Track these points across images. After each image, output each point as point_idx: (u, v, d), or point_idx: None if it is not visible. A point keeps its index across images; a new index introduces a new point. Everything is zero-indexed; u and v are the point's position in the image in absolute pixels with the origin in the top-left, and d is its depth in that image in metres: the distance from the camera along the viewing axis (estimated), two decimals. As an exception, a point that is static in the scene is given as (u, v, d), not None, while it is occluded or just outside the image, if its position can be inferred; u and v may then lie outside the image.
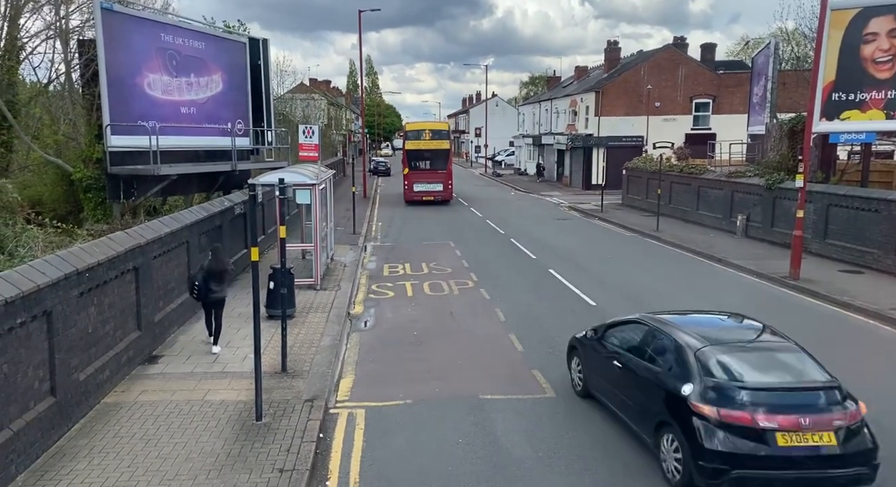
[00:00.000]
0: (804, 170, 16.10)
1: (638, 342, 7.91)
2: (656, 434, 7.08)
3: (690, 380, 6.74)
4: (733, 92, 42.37)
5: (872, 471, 6.36)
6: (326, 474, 7.19)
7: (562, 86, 61.62)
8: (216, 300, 10.65)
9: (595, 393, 8.83)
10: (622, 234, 25.18)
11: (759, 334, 7.66)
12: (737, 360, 6.84)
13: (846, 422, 6.36)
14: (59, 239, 15.73)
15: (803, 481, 6.26)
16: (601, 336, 8.78)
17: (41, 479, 6.68)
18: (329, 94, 71.42)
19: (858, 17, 18.16)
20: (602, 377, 8.51)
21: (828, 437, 6.28)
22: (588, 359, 8.98)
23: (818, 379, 6.72)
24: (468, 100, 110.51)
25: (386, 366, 10.54)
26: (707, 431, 6.36)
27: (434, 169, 35.03)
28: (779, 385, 6.62)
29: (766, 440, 6.22)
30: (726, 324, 8.17)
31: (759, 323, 7.95)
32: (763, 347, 7.35)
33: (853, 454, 6.30)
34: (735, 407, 6.33)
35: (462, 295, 15.28)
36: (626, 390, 7.86)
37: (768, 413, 6.26)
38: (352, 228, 24.42)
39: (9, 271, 7.18)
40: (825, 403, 6.48)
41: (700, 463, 6.33)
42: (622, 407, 8.00)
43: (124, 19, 16.72)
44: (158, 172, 16.43)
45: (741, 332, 7.84)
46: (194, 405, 8.54)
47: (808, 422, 6.25)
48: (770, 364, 6.98)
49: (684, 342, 7.16)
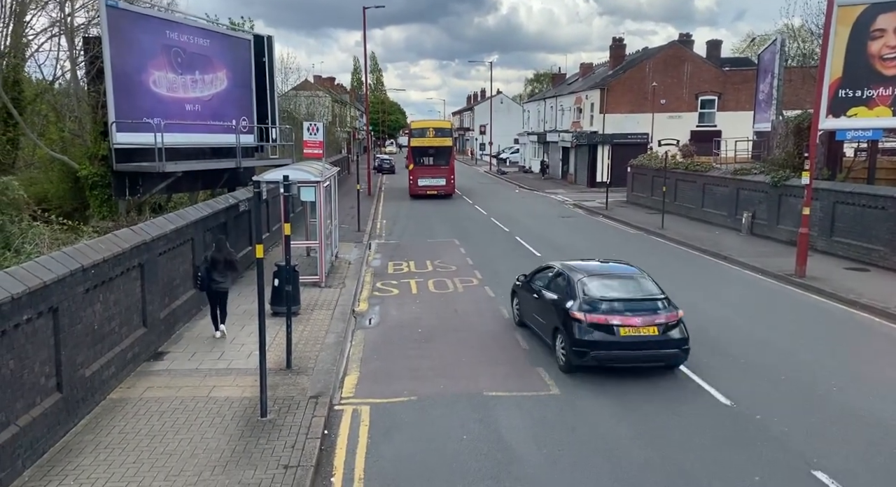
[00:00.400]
0: (810, 168, 16.03)
1: (548, 280, 11.16)
2: (553, 337, 10.43)
3: (574, 299, 9.98)
4: (739, 89, 42.18)
5: (684, 354, 9.74)
6: (331, 470, 7.21)
7: (567, 83, 61.47)
8: (218, 291, 10.98)
9: (525, 321, 12.07)
10: (627, 232, 25.12)
11: (625, 270, 10.98)
12: (602, 285, 10.18)
13: (666, 321, 9.60)
14: (65, 235, 15.78)
15: (637, 358, 9.62)
16: (529, 280, 12.02)
17: (47, 474, 6.71)
18: (333, 92, 71.41)
19: (866, 14, 18.05)
20: (528, 307, 11.83)
21: (653, 330, 9.51)
22: (521, 298, 12.33)
23: (653, 294, 10.03)
24: (473, 97, 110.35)
25: (390, 363, 10.54)
26: (579, 329, 9.62)
27: (437, 165, 36.70)
28: (624, 298, 9.90)
29: (613, 332, 9.49)
30: (606, 266, 11.30)
31: (629, 264, 11.37)
32: (623, 276, 10.65)
33: (670, 341, 9.56)
34: (596, 313, 9.63)
35: (466, 292, 15.28)
36: (540, 313, 11.12)
37: (615, 315, 9.57)
38: (356, 226, 24.44)
39: (15, 267, 7.21)
40: (653, 309, 9.74)
41: (574, 349, 9.65)
42: (537, 325, 11.30)
43: (130, 16, 16.75)
44: (163, 169, 16.47)
45: (613, 269, 11.10)
46: (199, 401, 8.56)
47: (639, 321, 9.51)
48: (624, 286, 10.24)
49: (573, 275, 10.46)
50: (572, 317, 9.76)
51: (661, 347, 9.58)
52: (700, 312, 13.38)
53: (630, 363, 9.73)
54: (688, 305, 13.84)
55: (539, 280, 11.56)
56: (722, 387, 9.34)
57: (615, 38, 50.54)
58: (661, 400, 8.99)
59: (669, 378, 9.78)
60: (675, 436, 7.93)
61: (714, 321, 12.71)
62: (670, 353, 9.65)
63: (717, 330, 12.09)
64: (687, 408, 8.71)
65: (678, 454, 7.50)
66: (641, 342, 9.51)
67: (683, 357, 9.77)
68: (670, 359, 9.75)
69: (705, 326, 12.37)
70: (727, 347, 11.14)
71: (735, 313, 13.29)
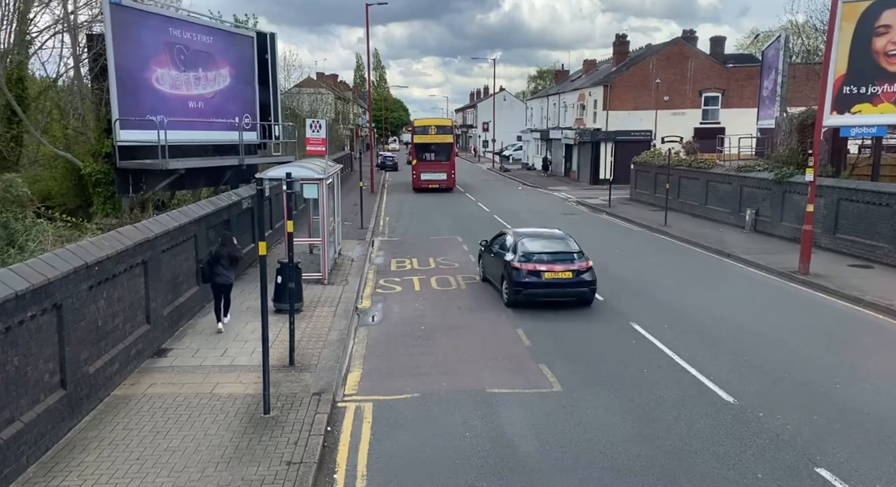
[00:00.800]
0: (814, 164, 15.97)
1: (500, 242, 14.69)
2: (500, 282, 13.96)
3: (514, 253, 13.45)
4: (743, 85, 42.04)
5: (592, 292, 13.28)
6: (334, 467, 7.22)
7: (570, 80, 61.34)
8: (221, 284, 11.23)
9: (486, 276, 15.52)
10: (630, 229, 25.09)
11: (553, 233, 14.68)
12: (535, 243, 13.75)
13: (579, 268, 13.07)
14: (69, 233, 15.82)
15: (557, 294, 13.17)
16: (489, 244, 15.45)
17: (51, 470, 6.74)
18: (336, 89, 71.33)
19: (870, 10, 17.96)
20: (488, 264, 15.30)
21: (569, 274, 13.03)
22: (484, 258, 15.75)
23: (571, 249, 13.60)
24: (476, 94, 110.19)
25: (393, 360, 10.56)
26: (516, 274, 13.06)
27: (439, 160, 39.14)
28: (549, 252, 13.44)
29: (540, 276, 12.97)
30: (540, 230, 15.30)
31: (559, 230, 15.06)
32: (551, 238, 14.27)
33: (582, 282, 13.07)
34: (529, 263, 13.05)
35: (469, 289, 15.27)
36: (494, 267, 14.60)
37: (542, 264, 13.04)
38: (359, 223, 24.45)
39: (19, 264, 7.23)
40: (570, 260, 13.25)
41: (512, 288, 13.17)
42: (492, 276, 14.88)
43: (133, 14, 16.76)
44: (167, 167, 16.49)
45: (545, 233, 14.76)
46: (203, 398, 8.59)
47: (559, 268, 13.02)
48: (551, 244, 13.84)
49: (515, 237, 14.05)
50: (512, 266, 13.27)
51: (575, 286, 13.16)
52: (703, 309, 13.36)
53: (551, 298, 13.24)
54: (690, 302, 13.87)
55: (496, 243, 15.01)
56: (724, 384, 9.33)
57: (618, 34, 50.41)
58: (663, 397, 8.98)
59: (669, 375, 9.78)
60: (677, 433, 7.93)
61: (717, 318, 12.69)
62: (581, 291, 13.21)
63: (720, 327, 12.07)
64: (689, 405, 8.71)
65: (680, 450, 7.50)
66: (560, 283, 13.10)
67: (591, 294, 13.38)
68: (581, 296, 13.28)
69: (708, 323, 12.37)
70: (730, 344, 11.12)
71: (738, 310, 13.27)
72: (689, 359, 10.36)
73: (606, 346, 11.12)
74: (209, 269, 11.12)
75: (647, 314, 12.98)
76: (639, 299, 14.16)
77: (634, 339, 11.49)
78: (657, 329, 11.99)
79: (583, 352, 10.84)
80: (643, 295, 14.47)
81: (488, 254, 15.19)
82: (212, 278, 11.15)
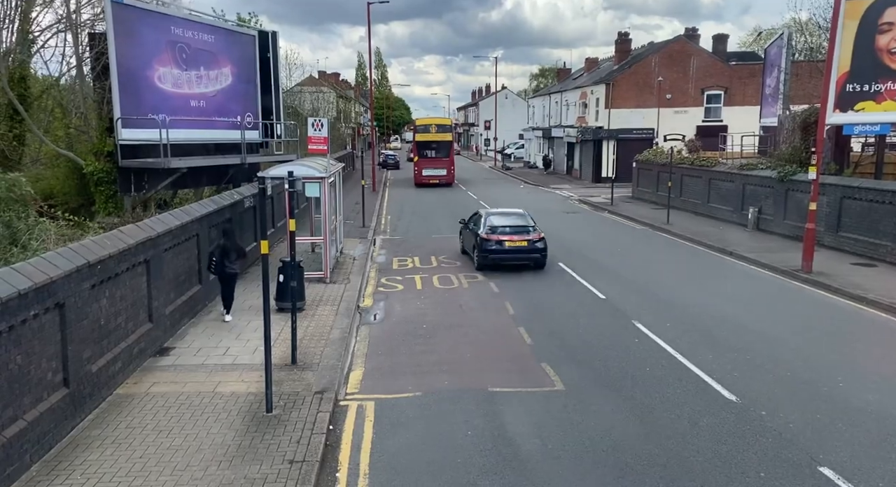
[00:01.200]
0: (817, 162, 15.93)
1: (475, 219, 18.02)
2: (472, 250, 17.38)
3: (483, 227, 16.72)
4: (746, 83, 41.93)
5: (543, 257, 16.62)
6: (336, 465, 7.23)
7: (572, 78, 61.25)
8: (230, 274, 12.02)
9: (465, 249, 18.65)
10: (632, 227, 25.06)
11: (515, 211, 18.10)
12: (500, 219, 17.05)
13: (532, 238, 16.44)
14: (71, 231, 15.86)
15: (516, 258, 16.51)
16: (466, 222, 18.78)
17: (55, 469, 6.75)
18: (338, 87, 71.30)
19: (874, 7, 17.88)
20: (465, 239, 18.64)
21: (524, 243, 16.36)
22: (463, 235, 19.08)
23: (528, 224, 16.91)
24: (477, 92, 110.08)
25: (395, 359, 10.56)
26: (483, 242, 16.41)
27: (439, 157, 41.69)
28: (510, 225, 16.70)
29: (502, 244, 16.25)
30: (505, 209, 18.90)
31: (521, 210, 18.43)
32: (513, 215, 17.63)
33: (534, 249, 16.45)
34: (494, 234, 16.38)
35: (471, 288, 15.27)
36: (469, 239, 18.04)
37: (504, 235, 16.33)
38: (361, 221, 24.45)
39: (22, 263, 7.24)
40: (526, 231, 16.60)
41: (481, 254, 16.53)
42: (468, 246, 18.16)
43: (135, 12, 16.77)
44: (169, 165, 16.51)
45: (509, 211, 18.28)
46: (205, 396, 8.60)
47: (517, 238, 16.33)
48: (512, 220, 17.07)
49: (485, 215, 17.48)
50: (482, 237, 16.68)
51: (529, 252, 16.63)
52: (705, 308, 13.35)
53: (511, 261, 16.66)
54: (692, 301, 13.85)
55: (471, 221, 18.40)
56: (727, 383, 9.32)
57: (621, 32, 50.34)
58: (665, 395, 8.98)
59: (671, 373, 9.77)
60: (679, 432, 7.92)
61: (719, 316, 12.67)
62: (534, 256, 16.70)
63: (722, 326, 12.06)
64: (691, 404, 8.70)
65: (682, 449, 7.49)
66: (517, 249, 16.55)
67: (542, 259, 16.80)
68: (534, 260, 16.78)
69: (710, 322, 12.35)
70: (732, 342, 11.11)
71: (740, 308, 13.25)
72: (692, 358, 10.35)
73: (609, 345, 11.11)
74: (220, 262, 11.79)
75: (649, 312, 12.97)
76: (641, 297, 14.14)
77: (637, 338, 11.48)
78: (659, 327, 11.98)
79: (585, 351, 10.83)
80: (645, 294, 14.45)
81: (465, 230, 18.72)
82: (221, 270, 11.83)
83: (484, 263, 16.57)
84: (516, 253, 16.52)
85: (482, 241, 16.54)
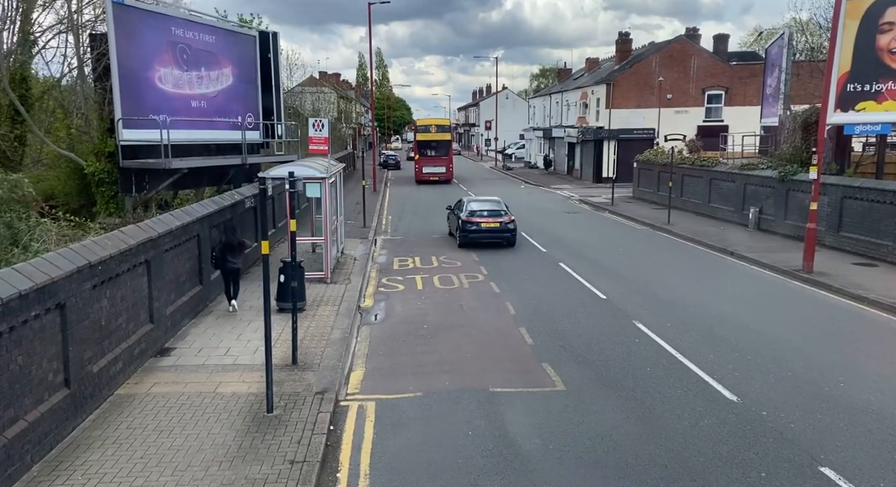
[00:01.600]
0: (818, 162, 15.92)
1: (458, 206, 21.28)
2: (455, 230, 20.75)
3: (464, 212, 20.27)
4: (746, 83, 41.91)
5: (513, 236, 20.13)
6: (337, 466, 7.23)
7: (572, 78, 61.23)
8: (232, 269, 12.43)
9: (451, 231, 21.75)
10: (633, 227, 25.05)
11: (491, 198, 21.89)
12: (478, 205, 20.72)
13: (503, 220, 20.02)
14: (72, 232, 15.85)
15: (490, 237, 20.06)
16: (453, 208, 21.98)
17: (56, 469, 6.76)
18: (339, 88, 71.30)
19: (875, 7, 17.87)
20: (451, 222, 21.79)
21: (497, 224, 19.98)
22: (449, 219, 22.33)
23: (501, 209, 20.42)
24: (478, 92, 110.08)
25: (396, 359, 10.56)
26: (464, 224, 19.99)
27: (439, 155, 44.23)
28: (485, 210, 20.36)
29: (479, 225, 19.90)
30: (483, 198, 22.27)
31: (497, 198, 21.94)
32: (488, 201, 21.25)
33: (506, 230, 20.00)
34: (471, 217, 20.03)
35: (472, 288, 15.27)
36: (454, 223, 21.08)
37: (481, 218, 20.03)
38: (362, 222, 24.45)
39: (23, 264, 7.25)
40: (499, 215, 20.18)
41: (462, 233, 20.14)
42: (452, 229, 21.41)
43: (136, 13, 16.78)
44: (170, 166, 16.52)
45: (486, 198, 22.05)
46: (206, 397, 8.60)
47: (491, 220, 20.00)
48: (487, 206, 20.61)
49: (467, 201, 21.22)
50: (462, 220, 20.13)
51: (501, 232, 20.01)
52: (706, 308, 13.34)
53: (486, 239, 20.02)
54: (693, 301, 13.85)
55: (456, 207, 21.74)
56: (728, 383, 9.32)
57: (621, 32, 50.34)
58: (666, 396, 8.97)
59: (672, 373, 9.76)
60: (680, 432, 7.91)
61: (720, 316, 12.66)
62: (505, 236, 20.05)
63: (723, 326, 12.05)
64: (692, 404, 8.69)
65: (683, 449, 7.49)
66: (491, 229, 20.04)
67: (512, 238, 20.17)
68: (506, 239, 20.12)
69: (711, 322, 12.34)
70: (733, 343, 11.10)
71: (742, 309, 13.24)
72: (692, 358, 10.35)
73: (609, 345, 11.11)
74: (222, 257, 12.25)
75: (650, 312, 12.96)
76: (642, 297, 14.14)
77: (637, 338, 11.47)
78: (660, 327, 11.97)
79: (586, 351, 10.83)
80: (646, 294, 14.45)
81: (451, 215, 22.13)
82: (224, 264, 12.30)
83: (464, 241, 20.14)
84: (491, 233, 20.07)
85: (463, 223, 20.06)
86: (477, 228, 19.78)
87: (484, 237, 19.88)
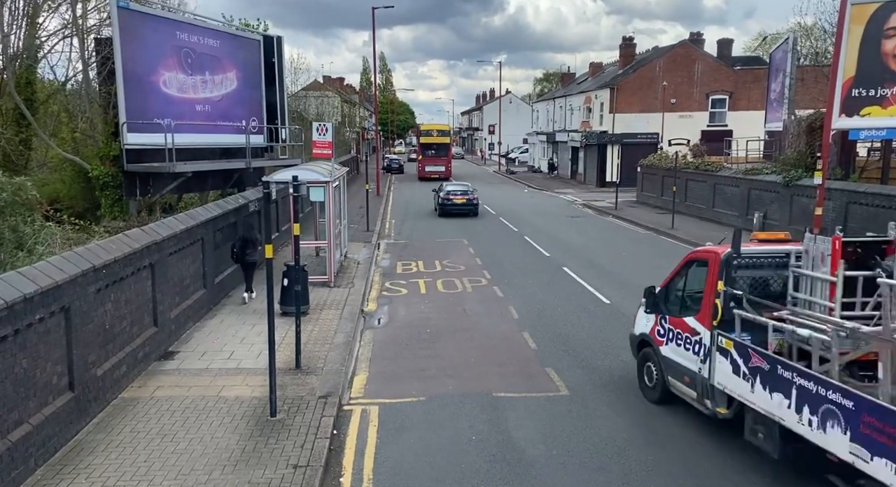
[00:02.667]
0: (823, 167, 15.87)
1: (440, 188, 30.88)
2: (435, 206, 30.83)
3: (442, 192, 30.07)
4: (750, 88, 41.84)
5: (476, 209, 29.59)
6: (340, 470, 7.22)
7: (576, 82, 61.24)
8: (250, 262, 13.54)
9: (435, 206, 30.50)
10: (637, 232, 25.02)
11: (463, 183, 32.84)
12: (452, 187, 30.94)
13: (470, 198, 29.52)
14: (77, 236, 15.87)
15: (459, 209, 29.36)
16: (437, 190, 30.88)
17: (60, 473, 6.76)
18: (343, 92, 71.45)
19: (880, 12, 17.84)
20: (435, 200, 30.94)
21: (465, 200, 29.46)
22: (435, 199, 30.94)
23: (468, 189, 30.15)
24: (481, 97, 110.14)
25: (399, 363, 10.55)
26: (441, 200, 29.69)
27: (439, 156, 50.57)
28: (457, 190, 30.03)
29: (452, 201, 29.43)
30: (457, 183, 33.68)
31: (467, 183, 33.30)
32: (460, 185, 31.37)
33: (470, 204, 29.50)
34: (447, 196, 29.58)
35: (475, 292, 15.26)
36: (436, 200, 30.72)
37: (453, 196, 29.57)
38: (365, 226, 24.46)
39: (28, 267, 7.27)
40: (466, 193, 29.72)
41: (439, 206, 29.82)
42: (435, 205, 30.55)
43: (140, 17, 16.83)
44: (174, 170, 16.54)
45: (459, 183, 33.21)
46: (209, 401, 8.60)
47: (461, 198, 29.46)
48: (459, 188, 30.51)
49: (445, 185, 31.44)
50: (440, 197, 29.20)
51: (468, 206, 28.85)
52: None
53: (456, 211, 28.62)
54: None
55: (438, 190, 29.69)
56: (733, 389, 9.27)
57: (625, 37, 50.32)
58: (669, 400, 8.93)
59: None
60: (684, 438, 7.89)
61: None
62: (469, 208, 28.85)
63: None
64: (695, 410, 8.65)
65: (688, 455, 7.46)
66: (461, 204, 28.88)
67: (476, 210, 28.99)
68: (470, 210, 28.80)
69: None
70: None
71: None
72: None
73: (613, 350, 11.08)
74: (241, 251, 13.36)
75: (654, 317, 12.91)
76: (646, 302, 14.09)
77: (641, 343, 11.42)
78: (664, 332, 11.92)
79: (590, 356, 10.80)
80: (650, 299, 14.39)
81: (436, 195, 30.24)
82: (242, 258, 13.41)
83: (442, 212, 29.01)
84: (460, 206, 28.86)
85: (442, 200, 29.20)
86: (450, 203, 28.86)
87: (455, 208, 28.75)
